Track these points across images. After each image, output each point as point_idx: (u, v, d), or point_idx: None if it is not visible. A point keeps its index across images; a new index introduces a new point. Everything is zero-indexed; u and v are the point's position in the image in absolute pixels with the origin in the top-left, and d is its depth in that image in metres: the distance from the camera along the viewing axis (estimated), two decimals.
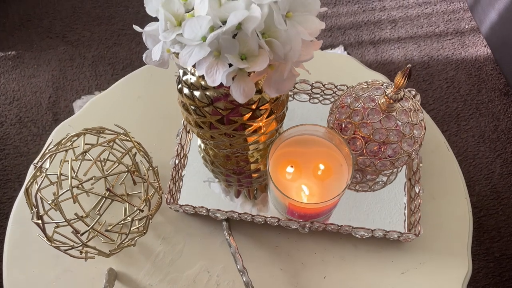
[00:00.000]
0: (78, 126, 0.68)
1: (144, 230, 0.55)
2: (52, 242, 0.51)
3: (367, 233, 0.57)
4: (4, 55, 1.37)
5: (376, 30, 1.38)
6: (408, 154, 0.55)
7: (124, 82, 0.72)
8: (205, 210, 0.59)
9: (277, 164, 0.57)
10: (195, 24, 0.37)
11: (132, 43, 1.38)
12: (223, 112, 0.50)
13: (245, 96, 0.41)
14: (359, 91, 0.57)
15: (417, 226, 0.56)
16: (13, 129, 1.26)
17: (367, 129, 0.54)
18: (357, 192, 0.64)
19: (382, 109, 0.53)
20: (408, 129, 0.54)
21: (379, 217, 0.62)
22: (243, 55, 0.39)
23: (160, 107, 0.69)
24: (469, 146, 1.21)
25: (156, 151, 0.66)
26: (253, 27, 0.37)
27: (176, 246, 0.60)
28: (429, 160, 0.64)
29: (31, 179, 0.50)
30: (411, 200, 0.60)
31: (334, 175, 0.56)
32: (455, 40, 1.36)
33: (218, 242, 0.60)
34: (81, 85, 1.32)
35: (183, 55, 0.38)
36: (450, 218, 0.61)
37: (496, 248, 1.10)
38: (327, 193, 0.55)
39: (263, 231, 0.61)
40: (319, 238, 0.60)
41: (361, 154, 0.56)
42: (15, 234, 0.61)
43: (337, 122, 0.58)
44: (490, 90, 1.29)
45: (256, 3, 0.37)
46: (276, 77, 0.42)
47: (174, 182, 0.61)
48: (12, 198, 1.18)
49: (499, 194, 1.16)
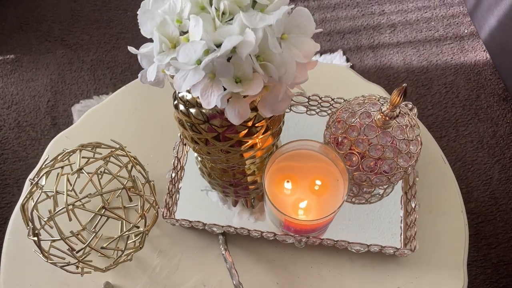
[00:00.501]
0: (75, 137, 0.68)
1: (140, 245, 0.55)
2: (48, 259, 0.51)
3: (363, 248, 0.57)
4: (2, 58, 1.37)
5: (375, 35, 1.38)
6: (404, 170, 0.55)
7: (121, 93, 0.72)
8: (201, 224, 0.59)
9: (273, 178, 0.57)
10: (190, 49, 0.37)
11: None
12: (219, 129, 0.50)
13: (240, 118, 0.41)
14: (355, 106, 0.57)
15: (412, 241, 0.56)
16: (11, 134, 1.26)
17: (363, 145, 0.54)
18: (354, 204, 0.64)
19: (378, 125, 0.53)
20: (404, 145, 0.54)
21: (376, 229, 0.62)
22: (237, 78, 0.39)
23: (157, 118, 0.69)
24: (467, 152, 1.21)
25: (153, 163, 0.66)
26: (248, 52, 0.37)
27: (172, 260, 0.60)
28: (425, 172, 0.64)
29: (27, 195, 0.50)
30: (407, 214, 0.60)
31: (330, 190, 0.56)
32: (454, 44, 1.36)
33: (215, 256, 0.60)
34: (80, 89, 1.32)
35: (178, 78, 0.38)
36: (446, 232, 0.61)
37: (494, 254, 1.10)
38: (324, 208, 0.55)
39: (259, 244, 0.61)
40: (315, 251, 0.60)
41: (357, 170, 0.56)
42: (12, 247, 0.61)
43: (333, 136, 0.58)
44: (489, 95, 1.29)
45: (250, 27, 0.37)
46: (271, 98, 0.42)
47: (170, 196, 0.61)
48: (10, 203, 1.18)
49: (497, 200, 1.16)
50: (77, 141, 0.68)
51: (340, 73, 0.73)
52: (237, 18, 0.38)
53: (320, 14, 1.42)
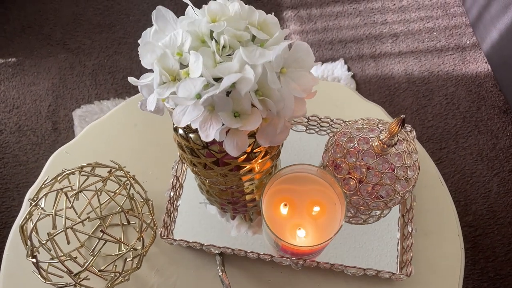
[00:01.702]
0: (75, 152, 0.69)
1: (138, 266, 0.55)
2: (47, 279, 0.51)
3: (359, 272, 0.57)
4: (4, 62, 1.37)
5: (377, 44, 1.38)
6: (401, 195, 0.55)
7: (122, 108, 0.72)
8: (199, 245, 0.59)
9: (271, 200, 0.57)
10: (189, 84, 0.37)
11: (132, 52, 1.38)
12: (218, 154, 0.50)
13: (238, 149, 0.42)
14: (354, 131, 0.57)
15: (408, 266, 0.57)
16: (12, 138, 1.26)
17: (361, 171, 0.54)
18: (351, 224, 0.65)
19: (376, 151, 0.54)
20: (402, 172, 0.54)
21: (372, 250, 0.62)
22: (236, 112, 0.39)
23: (157, 135, 0.70)
24: (466, 164, 1.22)
25: (151, 180, 0.66)
26: (247, 89, 0.37)
27: (169, 279, 0.61)
28: (423, 195, 0.64)
29: (26, 216, 0.51)
30: (404, 238, 0.61)
31: (327, 214, 0.56)
32: (456, 55, 1.36)
33: (212, 275, 0.61)
34: (81, 94, 1.32)
35: (177, 113, 0.39)
36: (442, 255, 0.61)
37: (491, 268, 1.11)
38: (321, 232, 0.55)
39: (256, 265, 0.61)
40: (312, 273, 0.61)
41: (354, 194, 0.56)
42: (10, 263, 0.62)
43: (331, 159, 0.58)
44: (490, 107, 1.29)
45: (249, 63, 0.38)
46: (270, 130, 0.42)
47: (168, 215, 0.61)
48: (10, 207, 1.18)
49: (495, 214, 1.16)
50: (76, 157, 0.68)
51: (340, 91, 0.73)
52: (236, 54, 0.38)
53: (322, 22, 1.42)
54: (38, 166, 1.22)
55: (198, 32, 0.40)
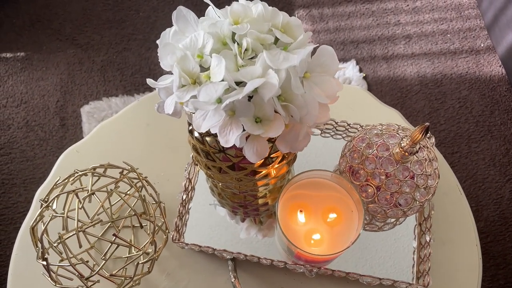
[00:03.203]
0: (85, 151, 0.67)
1: (149, 270, 0.54)
2: (57, 281, 0.50)
3: (375, 282, 0.56)
4: (13, 56, 1.36)
5: (389, 45, 1.36)
6: (420, 204, 0.54)
7: (134, 108, 0.71)
8: (211, 250, 0.58)
9: (286, 206, 0.56)
10: (211, 89, 0.36)
11: (142, 49, 1.37)
12: (234, 159, 0.49)
13: (258, 156, 0.40)
14: (373, 137, 0.55)
15: (425, 277, 0.55)
16: (20, 133, 1.26)
17: (380, 178, 0.53)
18: (366, 231, 0.63)
19: (396, 159, 0.52)
20: (422, 180, 0.53)
21: (388, 258, 0.61)
22: (257, 118, 0.38)
23: (169, 136, 0.68)
24: (479, 169, 1.20)
25: (163, 182, 0.65)
26: (271, 94, 0.35)
27: (180, 283, 0.59)
28: (440, 203, 0.63)
29: (37, 218, 0.50)
30: (421, 247, 0.59)
31: (344, 221, 0.55)
32: (469, 58, 1.34)
33: (223, 280, 0.60)
34: (89, 90, 1.31)
35: (197, 118, 0.37)
36: (460, 265, 0.60)
37: (501, 275, 1.09)
38: (337, 240, 0.54)
39: (268, 270, 0.60)
40: (325, 281, 0.59)
41: (372, 202, 0.55)
42: (19, 263, 0.61)
43: (348, 165, 0.57)
44: (503, 112, 1.27)
45: (273, 68, 0.36)
46: (291, 136, 0.41)
47: (180, 218, 0.60)
48: (17, 203, 1.18)
49: (507, 220, 1.14)
50: (87, 156, 0.67)
51: (356, 95, 0.71)
52: (260, 58, 0.36)
53: (334, 22, 1.40)
54: (45, 162, 1.22)
55: (220, 34, 0.38)
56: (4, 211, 1.16)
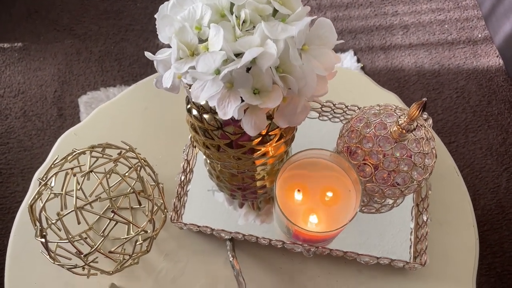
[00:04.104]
0: (84, 135, 0.67)
1: (148, 249, 0.54)
2: (55, 260, 0.50)
3: (372, 260, 0.56)
4: (10, 46, 1.36)
5: (387, 35, 1.36)
6: (418, 183, 0.54)
7: (132, 91, 0.71)
8: (209, 230, 0.58)
9: (284, 186, 0.56)
10: (209, 59, 0.36)
11: (139, 39, 1.36)
12: (232, 136, 0.49)
13: (256, 129, 0.40)
14: (371, 116, 0.55)
15: (423, 255, 0.56)
16: (17, 123, 1.25)
17: (378, 157, 0.53)
18: (363, 213, 0.64)
19: (393, 137, 0.52)
20: (420, 159, 0.53)
21: (385, 240, 0.61)
22: (256, 89, 0.38)
23: (167, 119, 0.68)
24: (476, 159, 1.20)
25: (161, 164, 0.65)
26: (268, 64, 0.36)
27: (178, 263, 0.60)
28: (437, 184, 0.63)
29: (35, 196, 0.50)
30: (418, 227, 0.59)
31: (341, 201, 0.55)
32: (467, 49, 1.34)
33: (221, 261, 0.60)
34: (87, 81, 1.31)
35: (195, 88, 0.37)
36: (457, 246, 0.60)
37: (498, 263, 1.10)
38: (334, 219, 0.54)
39: (267, 251, 0.60)
40: (323, 261, 0.60)
41: (370, 181, 0.55)
42: (17, 245, 0.61)
43: (346, 146, 0.57)
44: (500, 102, 1.27)
45: (271, 38, 0.36)
46: (289, 110, 0.41)
47: (179, 199, 0.60)
48: (14, 192, 1.17)
49: (504, 209, 1.15)
50: (85, 139, 0.67)
51: (354, 78, 0.71)
52: (258, 28, 0.36)
53: (332, 12, 1.40)
54: (43, 152, 1.21)
55: (218, 6, 0.38)
56: (2, 200, 1.16)
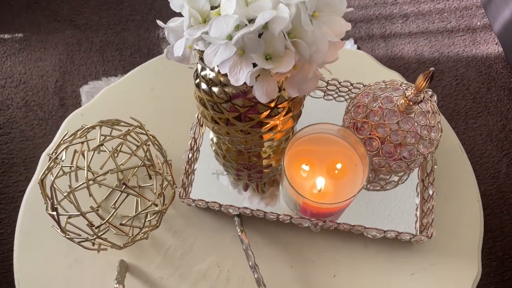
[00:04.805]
0: (90, 115, 0.68)
1: (157, 224, 0.54)
2: (66, 234, 0.51)
3: (379, 234, 0.57)
4: (11, 37, 1.36)
5: (387, 24, 1.37)
6: (424, 157, 0.55)
7: (137, 72, 0.71)
8: (217, 205, 0.58)
9: (291, 161, 0.57)
10: (222, 23, 0.36)
11: (140, 29, 1.37)
12: (241, 109, 0.50)
13: (268, 96, 0.41)
14: (377, 91, 0.56)
15: (429, 228, 0.56)
16: (19, 113, 1.25)
17: (384, 130, 0.54)
18: (369, 191, 0.64)
19: (400, 110, 0.53)
20: (426, 132, 0.54)
21: (390, 216, 0.62)
22: (268, 55, 0.38)
23: (174, 99, 0.69)
24: (476, 145, 1.21)
25: (168, 144, 0.65)
26: (281, 28, 0.36)
27: (187, 240, 0.60)
28: (442, 161, 0.64)
29: (46, 170, 0.50)
30: (424, 201, 0.60)
31: (348, 175, 0.55)
32: (466, 36, 1.35)
33: (229, 237, 0.60)
34: (88, 71, 1.31)
35: (208, 54, 0.38)
36: (462, 220, 0.61)
37: (499, 247, 1.11)
38: (341, 192, 0.55)
39: (274, 227, 0.61)
40: (330, 236, 0.60)
41: (376, 155, 0.56)
42: (25, 223, 0.61)
43: (352, 121, 0.58)
44: (500, 88, 1.28)
45: (284, 3, 0.37)
46: (299, 77, 0.42)
47: (187, 176, 0.61)
48: (17, 182, 1.17)
49: (504, 194, 1.16)
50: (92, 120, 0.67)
51: (358, 58, 0.72)
52: None
53: None
54: (45, 141, 1.22)
55: None
56: (5, 190, 1.16)
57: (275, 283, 0.57)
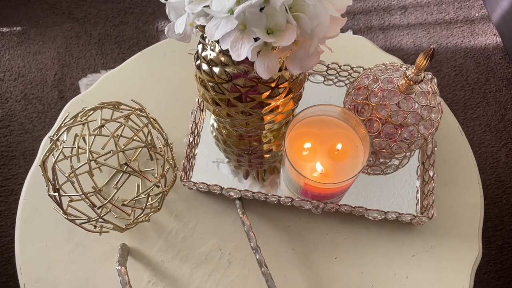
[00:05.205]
0: (90, 101, 0.68)
1: (159, 206, 0.55)
2: (68, 215, 0.51)
3: (380, 215, 0.57)
4: (9, 30, 1.36)
5: (385, 16, 1.37)
6: (424, 138, 0.55)
7: (137, 59, 0.71)
8: (218, 188, 0.59)
9: (292, 144, 0.57)
10: None
11: (139, 22, 1.36)
12: (242, 89, 0.50)
13: (269, 71, 0.41)
14: (377, 72, 0.56)
15: (430, 209, 0.57)
16: (18, 106, 1.25)
17: (385, 111, 0.54)
18: (369, 175, 0.64)
19: (401, 90, 0.53)
20: (426, 112, 0.54)
21: (390, 200, 0.62)
22: (269, 29, 0.39)
23: (173, 85, 0.69)
24: (475, 135, 1.22)
25: (169, 129, 0.65)
26: (282, 1, 0.36)
27: (188, 224, 0.60)
28: (442, 144, 0.64)
29: (47, 152, 0.50)
30: (425, 184, 0.60)
31: (349, 156, 0.56)
32: (464, 28, 1.35)
33: (231, 221, 0.60)
34: (87, 63, 1.31)
35: (210, 27, 0.38)
36: (462, 203, 0.61)
37: (499, 236, 1.11)
38: (342, 174, 0.55)
39: (275, 211, 0.61)
40: (331, 219, 0.60)
41: (377, 136, 0.56)
42: (27, 208, 0.61)
43: (353, 104, 0.58)
44: (498, 79, 1.28)
45: None
46: (301, 53, 0.42)
47: (188, 160, 0.61)
48: (17, 174, 1.17)
49: (503, 183, 1.16)
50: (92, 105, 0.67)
51: (358, 44, 0.72)
52: None
53: None
54: (45, 134, 1.21)
55: None
56: (4, 182, 1.16)
57: (277, 265, 0.58)
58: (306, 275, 0.57)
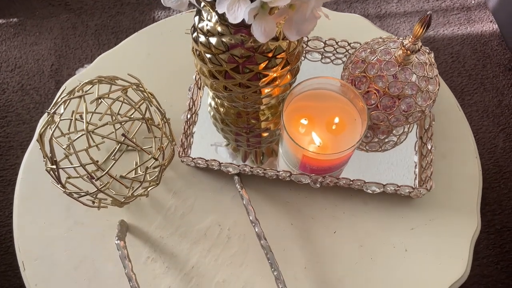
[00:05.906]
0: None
1: (157, 181, 0.54)
2: (66, 189, 0.51)
3: (379, 188, 0.57)
4: (5, 22, 1.35)
5: (382, 4, 1.37)
6: (422, 110, 0.55)
7: (133, 39, 0.71)
8: (217, 164, 0.58)
9: (290, 118, 0.57)
10: None
11: (135, 12, 1.36)
12: (239, 60, 0.50)
13: (266, 35, 0.41)
14: (375, 45, 0.56)
15: (428, 182, 0.57)
16: (15, 97, 1.25)
17: (383, 82, 0.54)
18: (367, 152, 0.64)
19: (398, 61, 0.53)
20: (424, 83, 0.54)
21: (389, 176, 0.62)
22: None
23: (170, 64, 0.69)
24: (472, 121, 1.22)
25: (166, 108, 0.65)
26: None
27: (187, 201, 0.60)
28: (439, 119, 0.64)
29: (45, 125, 0.50)
30: (423, 157, 0.60)
31: (347, 129, 0.56)
32: (461, 15, 1.36)
33: (229, 197, 0.60)
34: (84, 54, 1.30)
35: None
36: (460, 176, 0.61)
37: (497, 220, 1.11)
38: (340, 147, 0.55)
39: (273, 187, 0.61)
40: (329, 194, 0.60)
41: (375, 109, 0.56)
42: (24, 186, 0.61)
43: (351, 77, 0.58)
44: (495, 65, 1.29)
45: None
46: (297, 17, 0.42)
47: (186, 137, 0.61)
48: (14, 165, 1.17)
49: (501, 168, 1.17)
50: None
51: (354, 21, 0.72)
52: None
53: None
54: None
55: None
56: (2, 173, 1.16)
57: (276, 239, 0.57)
58: (305, 249, 0.57)
